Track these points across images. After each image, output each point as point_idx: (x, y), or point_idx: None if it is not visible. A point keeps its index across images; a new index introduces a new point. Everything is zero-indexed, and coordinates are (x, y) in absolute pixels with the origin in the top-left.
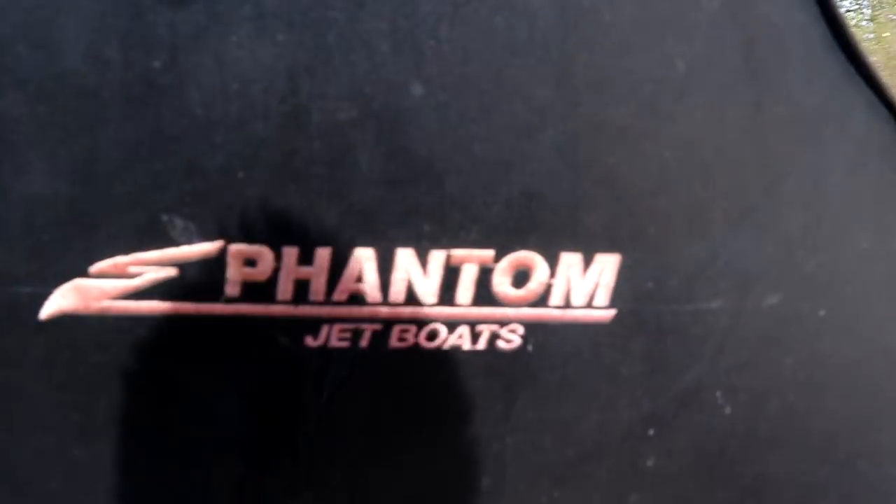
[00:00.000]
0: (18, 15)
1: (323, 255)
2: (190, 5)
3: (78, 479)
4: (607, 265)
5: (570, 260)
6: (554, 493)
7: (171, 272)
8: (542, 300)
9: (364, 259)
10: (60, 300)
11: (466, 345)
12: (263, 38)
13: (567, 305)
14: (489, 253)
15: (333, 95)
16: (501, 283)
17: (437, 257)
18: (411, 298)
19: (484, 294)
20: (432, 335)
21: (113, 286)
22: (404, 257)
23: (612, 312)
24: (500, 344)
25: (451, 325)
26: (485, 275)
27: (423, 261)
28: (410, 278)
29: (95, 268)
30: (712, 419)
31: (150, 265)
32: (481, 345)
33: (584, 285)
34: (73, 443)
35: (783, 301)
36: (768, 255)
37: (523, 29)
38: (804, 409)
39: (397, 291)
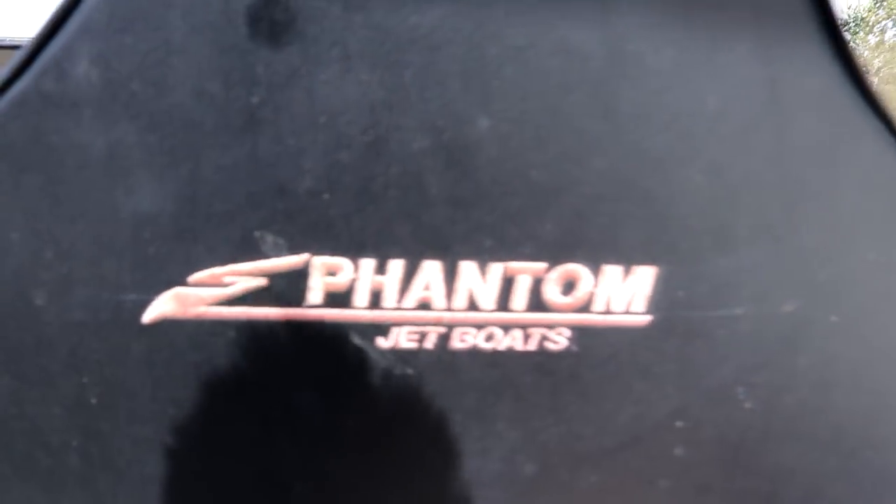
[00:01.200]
0: (136, 57)
1: (396, 266)
2: (285, 48)
3: (171, 465)
4: (644, 276)
5: (611, 271)
6: (592, 478)
7: (261, 282)
8: (586, 307)
9: (431, 270)
10: (162, 306)
11: (519, 346)
12: (349, 78)
13: (608, 311)
14: (541, 265)
15: (409, 127)
16: (551, 291)
17: (496, 269)
18: (472, 305)
19: (535, 301)
20: (489, 337)
21: (209, 294)
22: (467, 269)
23: (647, 318)
24: (549, 345)
25: (506, 329)
26: (537, 284)
27: (483, 272)
28: (472, 287)
29: (194, 278)
30: (734, 413)
31: (243, 275)
32: (532, 346)
33: (623, 294)
34: (167, 433)
35: (799, 308)
36: (786, 266)
37: (576, 70)
38: (816, 404)
39: (460, 299)
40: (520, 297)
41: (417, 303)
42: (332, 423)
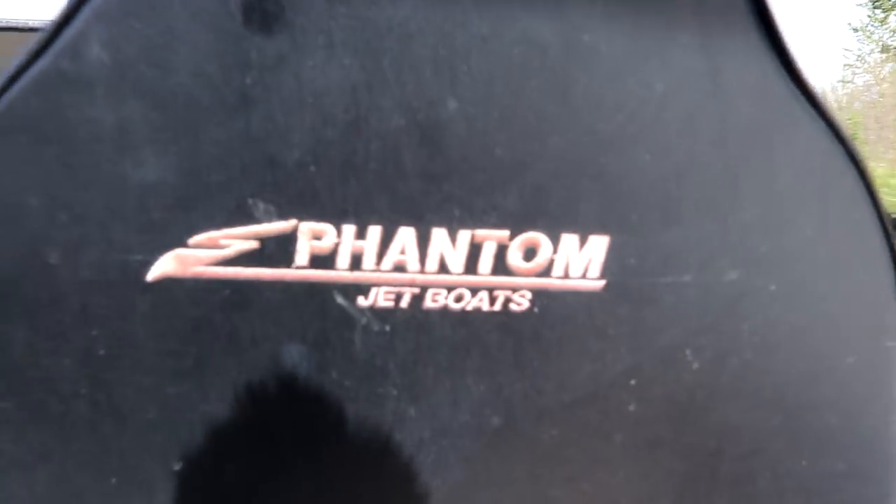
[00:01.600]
0: (143, 41)
1: (374, 232)
2: (275, 36)
3: (170, 411)
4: (599, 245)
5: (569, 240)
6: (553, 431)
7: (254, 244)
8: (546, 272)
9: (406, 236)
10: (164, 266)
11: (485, 307)
12: (332, 63)
13: (566, 276)
14: (505, 233)
15: (386, 108)
16: (514, 257)
17: (464, 236)
18: (443, 268)
19: (500, 266)
20: (458, 298)
21: (206, 255)
22: (438, 235)
23: (602, 283)
24: (512, 307)
25: (474, 291)
26: (501, 251)
27: (453, 239)
28: (442, 252)
29: (193, 240)
30: (682, 373)
31: (237, 239)
32: (497, 307)
33: (580, 261)
34: (167, 382)
35: (741, 277)
36: (729, 239)
37: (535, 58)
38: (758, 366)
39: (432, 262)
40: (486, 261)
41: (394, 265)
42: (315, 373)
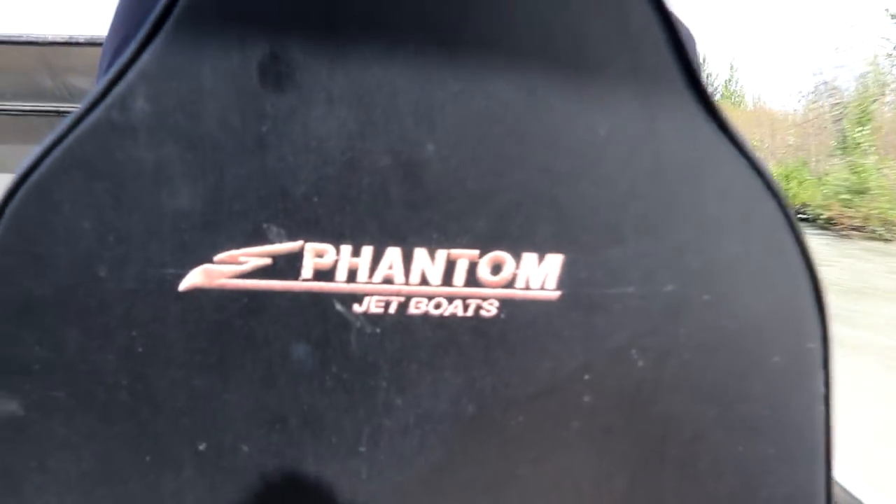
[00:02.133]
0: (178, 96)
1: (367, 251)
2: (286, 92)
3: (196, 401)
4: (554, 261)
5: (529, 258)
6: (519, 418)
7: (267, 261)
8: (510, 284)
9: (393, 255)
10: (193, 278)
11: (460, 313)
12: (332, 114)
13: (527, 288)
14: (475, 252)
15: (376, 150)
16: (483, 272)
17: (441, 255)
18: (424, 281)
19: (472, 279)
20: (437, 306)
21: (229, 270)
22: (419, 254)
23: (558, 294)
24: (483, 313)
25: (450, 299)
26: (472, 266)
27: (432, 257)
28: (423, 268)
29: (218, 257)
30: (630, 369)
31: (254, 256)
32: (470, 313)
33: (539, 275)
34: (195, 375)
35: (677, 288)
36: (665, 256)
37: (499, 108)
38: (696, 365)
39: (414, 276)
40: (459, 276)
41: (383, 278)
42: (319, 368)
